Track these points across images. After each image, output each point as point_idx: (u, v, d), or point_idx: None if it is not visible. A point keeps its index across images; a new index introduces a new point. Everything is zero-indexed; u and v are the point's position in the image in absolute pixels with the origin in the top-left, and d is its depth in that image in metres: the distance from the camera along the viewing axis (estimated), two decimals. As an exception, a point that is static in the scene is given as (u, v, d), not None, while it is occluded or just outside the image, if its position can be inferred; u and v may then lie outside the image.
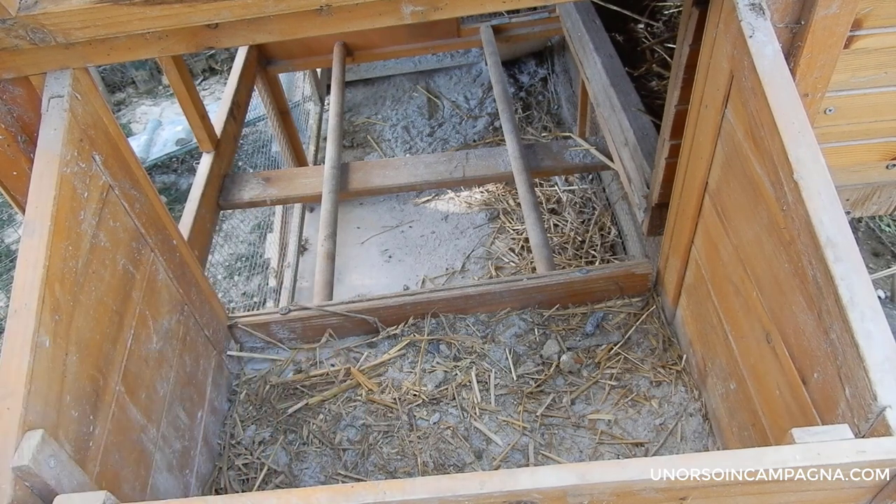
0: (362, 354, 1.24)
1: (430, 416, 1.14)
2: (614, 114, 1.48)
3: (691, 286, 1.05)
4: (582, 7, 1.76)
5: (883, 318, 0.55)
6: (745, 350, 0.83)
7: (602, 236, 2.53)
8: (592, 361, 1.18)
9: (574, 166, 1.96)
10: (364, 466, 1.08)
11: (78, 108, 0.76)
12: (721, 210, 0.86)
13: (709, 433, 1.04)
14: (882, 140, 0.98)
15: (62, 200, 0.69)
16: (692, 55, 0.92)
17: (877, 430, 0.53)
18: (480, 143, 3.16)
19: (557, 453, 1.06)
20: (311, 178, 1.99)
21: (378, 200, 2.91)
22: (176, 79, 1.76)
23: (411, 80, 3.56)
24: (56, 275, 0.66)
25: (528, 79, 3.43)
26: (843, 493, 0.54)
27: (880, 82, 0.89)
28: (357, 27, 0.75)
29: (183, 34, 0.74)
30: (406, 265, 2.63)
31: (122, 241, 0.83)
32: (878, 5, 0.79)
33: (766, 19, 0.72)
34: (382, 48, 2.56)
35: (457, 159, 2.01)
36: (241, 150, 3.85)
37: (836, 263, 0.58)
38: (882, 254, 2.73)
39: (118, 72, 5.12)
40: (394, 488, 0.50)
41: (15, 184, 0.83)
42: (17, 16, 0.69)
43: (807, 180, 0.62)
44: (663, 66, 1.63)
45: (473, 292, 1.23)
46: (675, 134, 1.03)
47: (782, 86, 0.67)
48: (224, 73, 5.03)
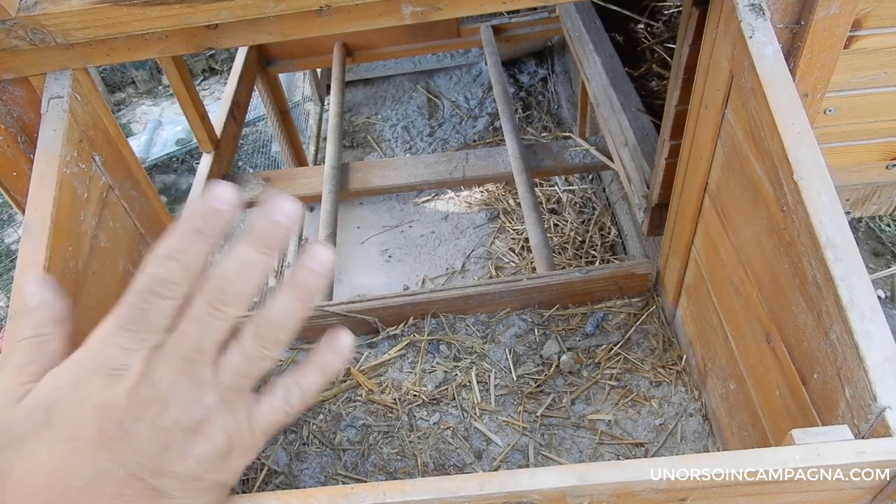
0: (362, 354, 1.24)
1: (430, 417, 1.14)
2: (614, 114, 1.48)
3: (691, 286, 1.05)
4: (582, 7, 1.76)
5: (883, 319, 0.55)
6: (745, 350, 0.83)
7: (602, 236, 2.53)
8: (592, 361, 1.18)
9: (574, 166, 1.96)
10: (364, 467, 1.08)
11: (78, 109, 0.76)
12: (721, 210, 0.86)
13: (709, 433, 1.04)
14: (882, 140, 0.98)
15: (62, 201, 0.69)
16: (692, 55, 0.92)
17: (877, 430, 0.53)
18: (480, 143, 3.16)
19: (557, 453, 1.06)
20: (311, 178, 1.99)
21: (378, 200, 2.91)
22: (176, 79, 1.77)
23: (411, 80, 3.56)
24: (56, 276, 0.66)
25: (528, 79, 3.43)
26: (842, 494, 0.53)
27: (880, 82, 0.89)
28: (357, 27, 0.75)
29: (183, 35, 0.74)
30: (406, 265, 2.63)
31: (122, 242, 0.83)
32: (878, 5, 0.80)
33: (766, 20, 0.72)
34: (382, 48, 2.56)
35: (457, 159, 2.01)
36: (241, 150, 3.86)
37: (835, 264, 0.58)
38: (882, 254, 2.73)
39: (118, 72, 5.12)
40: (394, 489, 0.50)
41: (15, 184, 0.83)
42: (17, 16, 0.69)
43: (807, 181, 0.62)
44: (663, 66, 1.63)
45: (473, 292, 1.23)
46: (674, 134, 1.03)
47: (782, 86, 0.67)
48: (224, 73, 5.03)
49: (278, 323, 0.46)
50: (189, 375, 0.44)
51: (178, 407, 0.43)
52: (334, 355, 0.49)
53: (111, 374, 0.43)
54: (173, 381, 0.43)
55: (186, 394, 0.44)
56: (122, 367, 0.43)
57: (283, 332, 0.46)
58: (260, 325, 0.46)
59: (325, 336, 0.49)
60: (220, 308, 0.44)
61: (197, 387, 0.44)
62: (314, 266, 0.45)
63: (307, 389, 0.49)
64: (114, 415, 0.42)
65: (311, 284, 0.45)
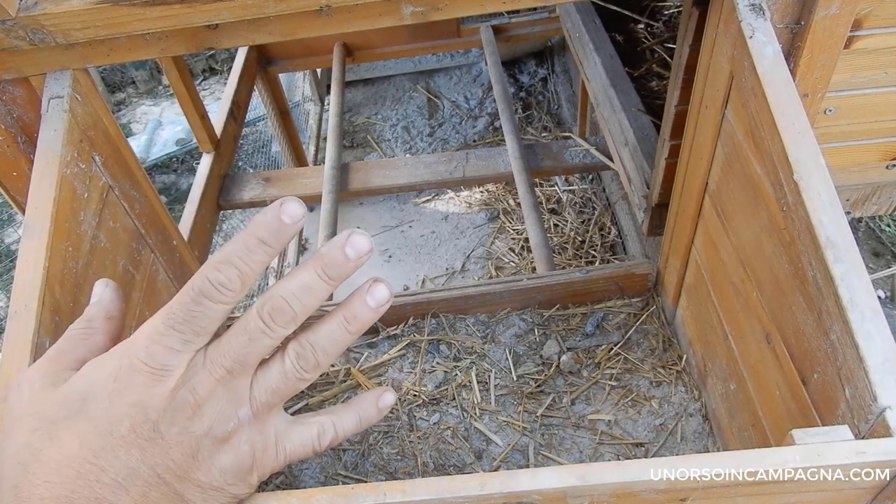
0: (362, 355, 1.24)
1: (430, 417, 1.13)
2: (614, 114, 1.48)
3: (691, 286, 1.05)
4: (582, 7, 1.76)
5: (883, 319, 0.55)
6: (745, 350, 0.83)
7: (602, 236, 2.53)
8: (592, 362, 1.17)
9: (574, 166, 1.96)
10: (364, 467, 1.08)
11: (78, 109, 0.76)
12: (721, 210, 0.86)
13: (709, 433, 1.04)
14: (882, 140, 0.98)
15: (62, 201, 0.69)
16: (692, 55, 0.92)
17: (877, 430, 0.53)
18: (480, 143, 3.16)
19: (557, 454, 1.06)
20: (311, 178, 1.99)
21: (378, 200, 2.91)
22: (176, 79, 1.76)
23: (411, 80, 3.56)
24: (56, 276, 0.66)
25: (528, 79, 3.43)
26: (842, 494, 0.53)
27: (880, 82, 0.89)
28: (357, 28, 0.75)
29: (183, 35, 0.74)
30: (406, 265, 2.63)
31: (122, 242, 0.83)
32: (878, 5, 0.79)
33: (766, 20, 0.72)
34: (382, 48, 2.56)
35: (457, 159, 2.01)
36: (241, 150, 3.86)
37: (836, 264, 0.58)
38: (882, 254, 2.73)
39: (118, 72, 5.12)
40: (394, 489, 0.50)
41: (15, 184, 0.83)
42: (17, 16, 0.69)
43: (807, 181, 0.62)
44: (663, 66, 1.64)
45: (473, 292, 1.23)
46: (675, 134, 1.03)
47: (782, 86, 0.67)
48: (224, 73, 5.03)
49: (322, 348, 0.46)
50: (227, 387, 0.44)
51: (212, 416, 0.44)
52: (375, 410, 0.51)
53: (153, 373, 0.43)
54: (211, 390, 0.44)
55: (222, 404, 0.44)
56: (164, 367, 0.43)
57: (325, 357, 0.46)
58: (304, 347, 0.46)
59: (373, 389, 0.51)
60: (273, 326, 0.44)
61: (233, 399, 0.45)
62: (371, 302, 0.46)
63: (341, 433, 0.50)
64: (150, 415, 0.42)
65: (365, 318, 0.46)
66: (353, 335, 0.46)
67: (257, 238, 0.43)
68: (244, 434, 0.45)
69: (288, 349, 0.46)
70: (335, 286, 0.45)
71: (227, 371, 0.44)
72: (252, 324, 0.44)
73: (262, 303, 0.44)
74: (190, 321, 0.43)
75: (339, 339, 0.46)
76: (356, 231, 0.45)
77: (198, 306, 0.43)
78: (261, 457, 0.46)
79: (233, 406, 0.44)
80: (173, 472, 0.43)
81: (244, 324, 0.44)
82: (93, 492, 0.41)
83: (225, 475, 0.45)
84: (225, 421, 0.44)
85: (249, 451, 0.45)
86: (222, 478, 0.44)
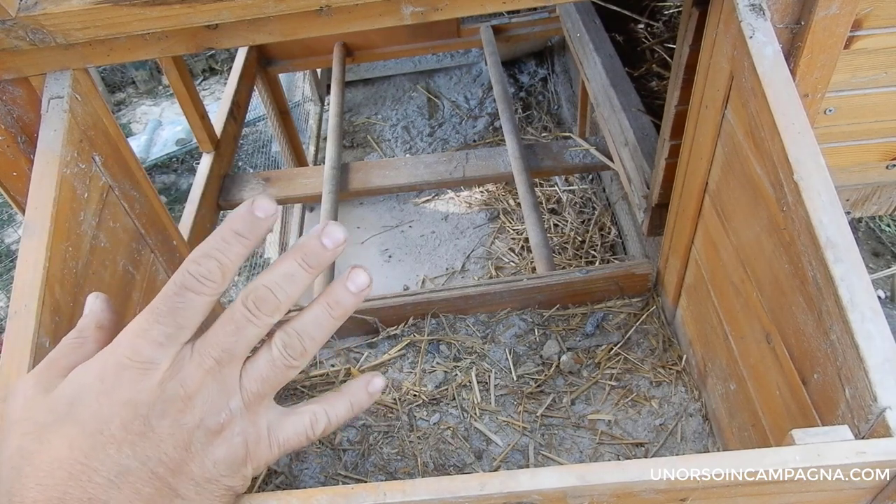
0: (362, 355, 1.24)
1: (430, 417, 1.13)
2: (614, 114, 1.48)
3: (691, 286, 1.05)
4: (582, 7, 1.76)
5: (883, 319, 0.55)
6: (745, 350, 0.83)
7: (602, 236, 2.53)
8: (592, 362, 1.17)
9: (574, 166, 1.96)
10: (364, 467, 1.08)
11: (78, 109, 0.76)
12: (721, 210, 0.86)
13: (709, 434, 1.04)
14: (882, 140, 0.98)
15: (62, 201, 0.69)
16: (692, 55, 0.92)
17: (877, 431, 0.53)
18: (480, 143, 3.16)
19: (557, 454, 1.06)
20: (311, 179, 1.99)
21: (378, 200, 2.91)
22: (176, 79, 1.76)
23: (411, 80, 3.56)
24: (56, 276, 0.66)
25: (528, 79, 3.43)
26: (842, 494, 0.53)
27: (880, 82, 0.89)
28: (357, 28, 0.75)
29: (183, 35, 0.74)
30: (406, 265, 2.63)
31: (122, 242, 0.83)
32: (878, 5, 0.79)
33: (766, 20, 0.72)
34: (382, 48, 2.56)
35: (457, 159, 2.01)
36: (241, 150, 3.86)
37: (835, 264, 0.58)
38: (882, 254, 2.73)
39: (118, 72, 5.12)
40: (394, 489, 0.50)
41: (15, 184, 0.83)
42: (17, 16, 0.69)
43: (807, 181, 0.62)
44: (663, 66, 1.63)
45: (473, 292, 1.23)
46: (675, 134, 1.03)
47: (782, 86, 0.67)
48: (224, 73, 5.03)
49: (308, 334, 0.47)
50: (217, 378, 0.44)
51: (204, 408, 0.44)
52: (366, 395, 0.51)
53: (139, 368, 0.43)
54: (201, 382, 0.44)
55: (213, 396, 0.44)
56: (150, 361, 0.43)
57: (311, 343, 0.47)
58: (290, 335, 0.46)
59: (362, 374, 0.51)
60: (258, 314, 0.45)
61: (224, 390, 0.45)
62: (352, 287, 0.46)
63: (333, 420, 0.50)
64: (140, 410, 0.42)
65: (347, 303, 0.47)
66: (337, 320, 0.47)
67: (233, 231, 0.43)
68: (237, 425, 0.45)
69: (274, 338, 0.47)
70: (316, 274, 0.46)
71: (215, 361, 0.44)
72: (238, 314, 0.44)
73: (247, 293, 0.45)
74: (173, 314, 0.43)
75: (324, 325, 0.47)
76: (331, 222, 0.46)
77: (180, 299, 0.43)
78: (254, 448, 0.46)
79: (223, 397, 0.45)
80: (167, 466, 0.43)
81: (230, 314, 0.45)
82: (85, 492, 0.41)
83: (218, 467, 0.45)
84: (216, 412, 0.44)
85: (242, 443, 0.46)
86: (216, 469, 0.45)
